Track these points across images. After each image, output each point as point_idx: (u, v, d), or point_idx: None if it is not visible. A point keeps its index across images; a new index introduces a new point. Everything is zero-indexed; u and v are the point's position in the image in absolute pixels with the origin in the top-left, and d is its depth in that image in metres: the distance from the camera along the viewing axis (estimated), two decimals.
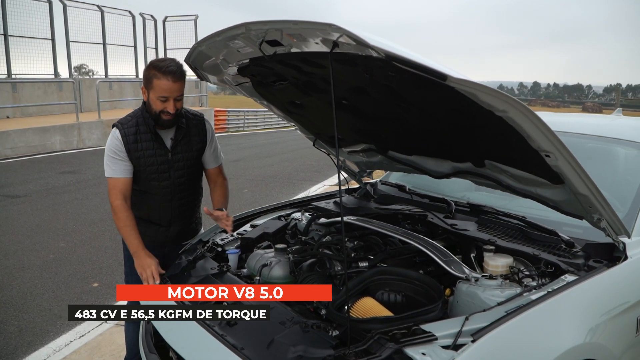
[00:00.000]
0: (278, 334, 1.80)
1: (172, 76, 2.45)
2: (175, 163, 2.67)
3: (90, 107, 16.73)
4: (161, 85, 2.46)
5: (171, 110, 2.50)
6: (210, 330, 1.87)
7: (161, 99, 2.48)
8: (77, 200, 7.68)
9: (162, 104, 2.50)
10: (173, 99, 2.49)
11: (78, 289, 4.51)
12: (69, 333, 3.72)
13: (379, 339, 1.63)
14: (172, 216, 2.77)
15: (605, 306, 1.97)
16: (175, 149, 2.66)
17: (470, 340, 1.59)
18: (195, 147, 2.72)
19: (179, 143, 2.67)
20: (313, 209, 3.05)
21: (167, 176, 2.66)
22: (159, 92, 2.47)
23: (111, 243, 5.71)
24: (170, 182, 2.68)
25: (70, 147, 13.34)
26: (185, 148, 2.69)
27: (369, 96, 2.22)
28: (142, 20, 20.57)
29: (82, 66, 20.76)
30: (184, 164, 2.70)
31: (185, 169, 2.71)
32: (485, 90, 1.54)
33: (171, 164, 2.66)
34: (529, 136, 1.73)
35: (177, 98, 2.51)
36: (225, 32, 2.04)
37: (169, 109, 2.50)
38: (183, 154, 2.69)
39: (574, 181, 1.87)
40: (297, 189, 9.22)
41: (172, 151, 2.65)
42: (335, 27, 1.55)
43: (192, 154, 2.72)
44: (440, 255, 2.14)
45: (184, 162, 2.70)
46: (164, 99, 2.48)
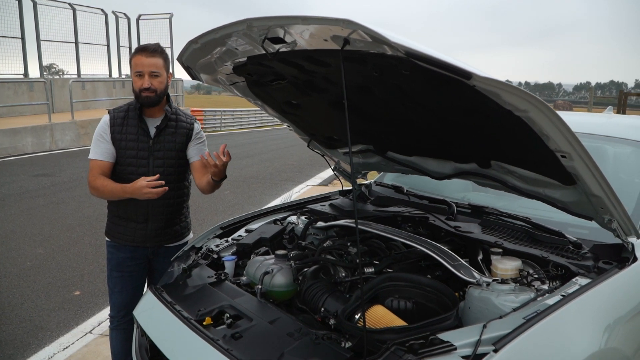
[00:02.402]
0: (287, 347, 1.71)
1: (145, 52, 2.55)
2: (156, 152, 2.67)
3: (62, 108, 16.34)
4: (135, 61, 2.57)
5: (145, 85, 2.55)
6: (215, 345, 1.77)
7: (137, 74, 2.56)
8: (53, 204, 7.43)
9: (139, 80, 2.56)
10: (147, 74, 2.55)
11: (59, 298, 4.32)
12: (52, 345, 3.56)
13: (396, 350, 1.55)
14: (149, 212, 2.69)
15: (620, 309, 1.93)
16: (158, 138, 2.67)
17: (492, 350, 1.52)
18: (179, 140, 2.72)
19: (162, 132, 2.68)
20: (309, 212, 2.96)
21: (145, 163, 2.65)
22: (134, 68, 2.57)
23: (91, 249, 5.52)
24: (148, 169, 2.64)
25: (42, 149, 12.98)
26: (169, 139, 2.69)
27: (372, 96, 2.14)
28: (115, 18, 20.21)
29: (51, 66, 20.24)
30: (164, 154, 2.68)
31: (165, 159, 2.68)
32: (510, 89, 1.47)
33: (152, 152, 2.66)
34: (548, 136, 1.67)
35: (152, 73, 2.56)
36: (224, 29, 1.94)
37: (144, 84, 2.55)
38: (165, 144, 2.68)
39: (589, 182, 1.83)
40: (280, 189, 9.11)
41: (155, 139, 2.66)
42: (351, 22, 1.47)
43: (175, 145, 2.70)
44: (449, 259, 2.07)
45: (164, 152, 2.68)
46: (139, 73, 2.56)
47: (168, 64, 2.65)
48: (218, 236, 2.76)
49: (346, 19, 1.48)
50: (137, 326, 2.28)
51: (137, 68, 2.55)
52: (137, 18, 20.97)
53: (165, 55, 2.63)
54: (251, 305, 2.04)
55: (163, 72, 2.61)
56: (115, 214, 2.74)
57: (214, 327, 1.91)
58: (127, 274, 2.74)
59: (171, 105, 2.75)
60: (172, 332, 1.95)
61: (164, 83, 2.63)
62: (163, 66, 2.60)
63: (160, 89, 2.60)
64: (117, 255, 2.75)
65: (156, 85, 2.58)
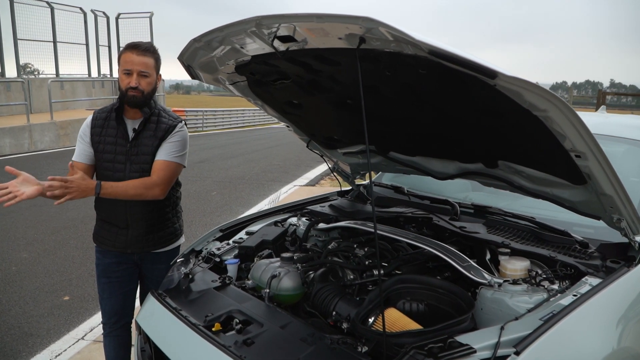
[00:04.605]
0: (302, 352, 1.67)
1: (136, 50, 2.46)
2: (133, 156, 2.53)
3: (40, 108, 16.00)
4: (125, 58, 2.47)
5: (133, 84, 2.44)
6: (227, 351, 1.72)
7: (125, 72, 2.46)
8: (36, 207, 7.24)
9: (127, 79, 2.46)
10: (136, 73, 2.45)
11: (48, 303, 4.21)
12: (44, 352, 3.45)
13: (415, 354, 1.53)
14: (129, 217, 2.57)
15: (630, 308, 1.94)
16: (135, 141, 2.54)
17: (514, 352, 1.50)
18: (157, 144, 2.55)
19: (140, 135, 2.55)
20: (309, 213, 2.92)
21: (121, 167, 2.53)
22: (122, 65, 2.48)
23: (78, 252, 5.39)
24: (125, 174, 2.52)
25: (21, 150, 12.70)
26: (146, 142, 2.55)
27: (379, 95, 2.11)
28: (94, 17, 19.86)
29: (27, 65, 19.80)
30: (141, 159, 2.54)
31: (142, 164, 2.53)
32: (534, 88, 1.45)
33: (128, 156, 2.53)
34: (564, 136, 1.66)
35: (141, 73, 2.46)
36: (230, 27, 1.89)
37: (132, 82, 2.45)
38: (141, 147, 2.54)
39: (602, 182, 1.82)
40: (267, 190, 9.04)
41: (132, 143, 2.54)
42: (371, 20, 1.43)
43: (152, 149, 2.54)
44: (458, 260, 2.06)
45: (141, 156, 2.54)
46: (127, 71, 2.46)
47: (159, 65, 2.55)
48: (218, 239, 2.71)
49: (366, 17, 1.45)
50: (140, 332, 2.22)
51: (125, 65, 2.45)
52: (116, 17, 20.63)
53: (158, 55, 2.54)
54: (259, 309, 2.00)
55: (153, 73, 2.50)
56: (100, 217, 2.67)
57: (223, 333, 1.86)
58: (114, 280, 2.65)
59: (155, 104, 2.61)
60: (181, 339, 1.89)
61: (153, 84, 2.52)
62: (154, 67, 2.50)
63: (147, 90, 2.49)
64: (103, 260, 2.66)
65: (144, 85, 2.47)
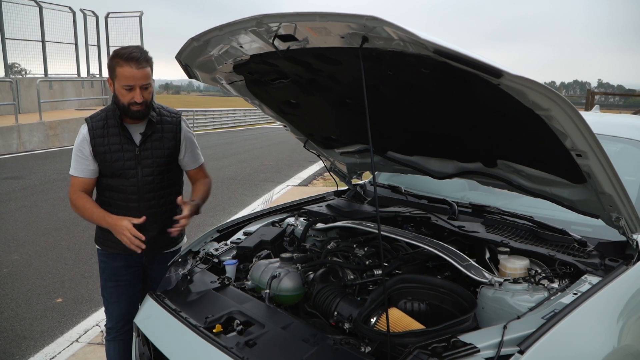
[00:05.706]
0: (305, 353, 1.66)
1: (135, 63, 2.33)
2: (144, 160, 2.51)
3: (29, 108, 15.82)
4: (124, 73, 2.34)
5: (138, 100, 2.38)
6: (229, 353, 1.70)
7: (126, 88, 2.37)
8: (26, 208, 7.17)
9: (129, 94, 2.37)
10: (139, 88, 2.37)
11: (41, 306, 4.16)
12: (37, 355, 3.41)
13: (419, 354, 1.52)
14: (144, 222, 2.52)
15: (630, 305, 1.95)
16: (144, 145, 2.52)
17: (517, 351, 1.50)
18: (167, 145, 2.56)
19: (148, 138, 2.52)
20: (306, 213, 2.91)
21: (134, 173, 2.50)
22: (123, 80, 2.35)
23: (70, 254, 5.34)
24: (137, 179, 2.50)
25: (9, 150, 12.54)
26: (156, 145, 2.54)
27: (379, 95, 2.10)
28: (83, 16, 19.69)
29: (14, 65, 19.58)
30: (153, 162, 2.53)
31: (155, 167, 2.53)
32: (538, 87, 1.46)
33: (139, 160, 2.50)
34: (566, 135, 1.67)
35: (143, 86, 2.39)
36: (230, 26, 1.88)
37: (136, 98, 2.37)
38: (152, 151, 2.53)
39: (602, 181, 1.83)
40: (260, 190, 9.02)
41: (141, 147, 2.51)
42: (376, 19, 1.43)
43: (163, 151, 2.55)
44: (458, 259, 2.06)
45: (153, 159, 2.53)
46: (129, 87, 2.36)
47: (153, 70, 2.49)
48: (215, 239, 2.69)
49: (370, 16, 1.44)
50: (138, 335, 2.19)
51: (127, 81, 2.34)
52: (105, 16, 20.44)
53: (152, 61, 2.44)
54: (260, 310, 1.98)
55: (151, 81, 2.45)
56: None
57: (224, 335, 1.84)
58: (123, 283, 2.62)
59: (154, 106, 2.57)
60: (181, 341, 1.88)
61: (152, 91, 2.48)
62: (151, 75, 2.43)
63: (149, 99, 2.44)
64: (110, 264, 2.62)
65: (146, 96, 2.41)
